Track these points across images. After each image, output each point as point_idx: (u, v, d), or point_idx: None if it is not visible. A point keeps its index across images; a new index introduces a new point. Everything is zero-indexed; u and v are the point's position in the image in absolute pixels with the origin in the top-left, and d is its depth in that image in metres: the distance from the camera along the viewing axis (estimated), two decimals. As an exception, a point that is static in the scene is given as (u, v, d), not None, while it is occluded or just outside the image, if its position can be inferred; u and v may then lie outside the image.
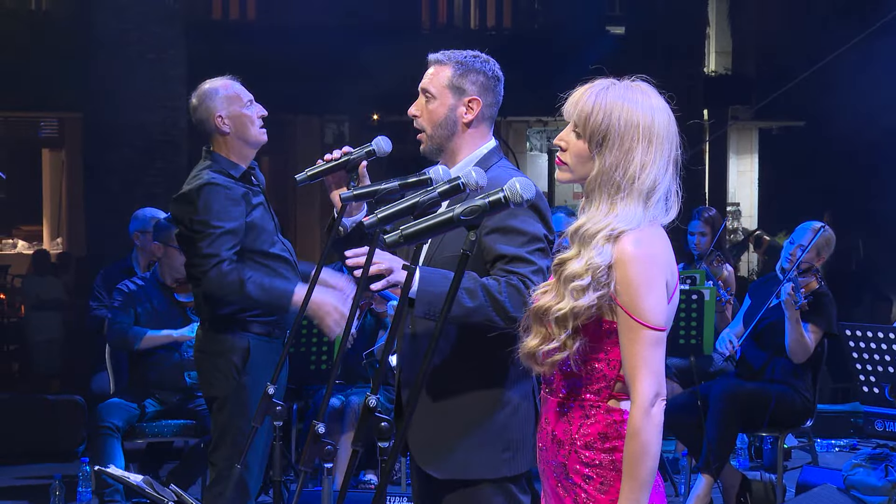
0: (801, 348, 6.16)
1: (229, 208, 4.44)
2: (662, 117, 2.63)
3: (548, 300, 2.62)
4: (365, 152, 3.53)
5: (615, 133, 2.59)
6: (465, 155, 3.45)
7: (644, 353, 2.54)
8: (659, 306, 2.55)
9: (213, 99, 4.57)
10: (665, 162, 2.61)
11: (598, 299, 2.55)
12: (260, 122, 4.61)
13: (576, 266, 2.58)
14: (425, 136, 3.48)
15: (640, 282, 2.53)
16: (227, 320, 4.50)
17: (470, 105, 3.44)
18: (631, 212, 2.58)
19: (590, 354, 2.61)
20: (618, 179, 2.58)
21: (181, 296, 6.34)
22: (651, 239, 2.58)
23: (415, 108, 3.49)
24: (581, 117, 2.63)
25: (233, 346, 4.50)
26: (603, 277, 2.55)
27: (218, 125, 4.56)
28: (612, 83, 2.66)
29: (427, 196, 2.71)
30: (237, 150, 4.60)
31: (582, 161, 2.65)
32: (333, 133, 17.35)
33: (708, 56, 17.03)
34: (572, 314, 2.57)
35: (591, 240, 2.58)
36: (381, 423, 2.59)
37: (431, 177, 3.09)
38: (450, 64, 3.46)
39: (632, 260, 2.54)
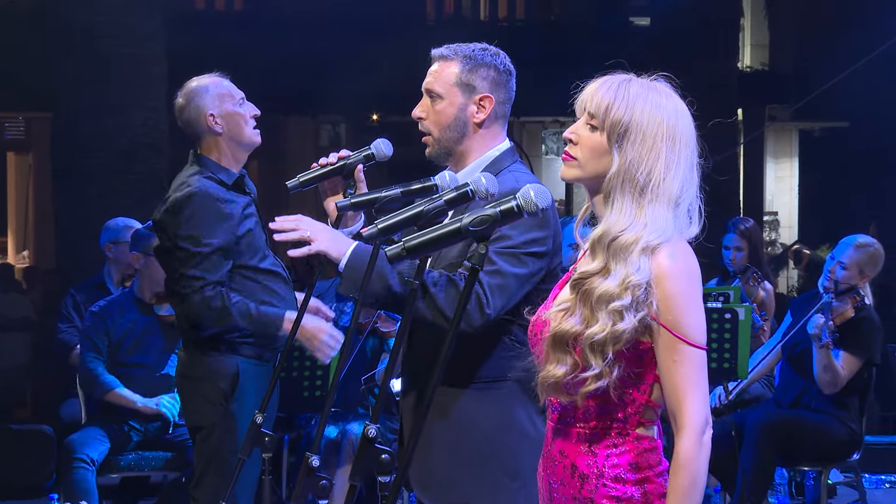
0: (829, 379, 6.15)
1: (220, 223, 4.45)
2: (686, 120, 2.64)
3: (573, 324, 2.61)
4: (363, 156, 3.55)
5: (638, 126, 2.60)
6: (475, 158, 3.46)
7: (692, 375, 2.54)
8: (702, 324, 2.57)
9: (202, 97, 4.58)
10: (689, 169, 2.63)
11: (639, 321, 2.56)
12: (253, 122, 4.63)
13: (610, 285, 2.58)
14: (432, 140, 3.48)
15: (683, 298, 2.55)
16: (214, 341, 4.51)
17: (481, 103, 3.45)
18: (661, 220, 2.58)
19: (622, 380, 2.61)
20: (641, 179, 2.58)
21: (161, 309, 6.34)
22: (687, 252, 2.60)
23: (420, 109, 3.50)
24: (599, 108, 2.63)
25: (219, 369, 4.51)
26: (643, 297, 2.56)
27: (209, 125, 4.58)
28: (632, 77, 2.67)
29: (432, 205, 2.72)
30: (229, 153, 4.61)
31: (596, 156, 2.64)
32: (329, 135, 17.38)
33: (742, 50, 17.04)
34: (612, 339, 2.56)
35: (624, 252, 2.58)
36: (382, 455, 2.60)
37: (437, 183, 3.10)
38: (457, 59, 3.46)
39: (671, 275, 2.55)
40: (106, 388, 6.27)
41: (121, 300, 6.46)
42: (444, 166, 3.48)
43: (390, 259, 2.56)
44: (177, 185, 4.58)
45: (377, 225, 2.76)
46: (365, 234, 2.80)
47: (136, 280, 6.47)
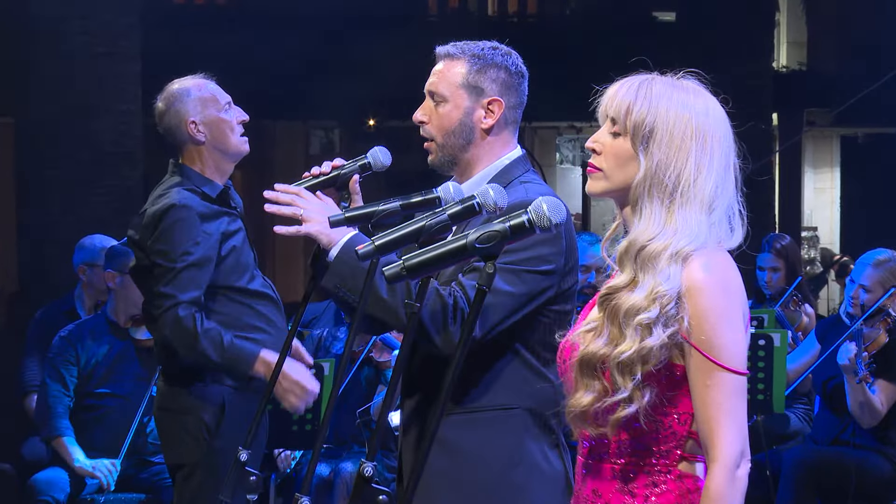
0: (866, 414, 6.14)
1: (199, 238, 4.45)
2: (717, 118, 2.65)
3: (600, 345, 2.60)
4: (359, 166, 3.55)
5: (664, 126, 2.60)
6: (482, 167, 3.47)
7: (725, 403, 2.53)
8: (739, 345, 2.56)
9: (184, 101, 4.59)
10: (723, 170, 2.63)
11: (669, 338, 2.54)
12: (240, 129, 4.64)
13: (637, 297, 2.57)
14: (435, 147, 3.49)
15: (717, 314, 2.54)
16: (196, 369, 4.51)
17: (489, 108, 3.46)
18: (693, 224, 2.58)
19: (657, 408, 2.60)
20: (670, 182, 2.59)
21: (138, 333, 6.33)
22: (722, 263, 2.59)
23: (421, 112, 3.51)
24: (621, 111, 2.64)
25: (203, 401, 4.52)
26: (672, 310, 2.55)
27: (191, 133, 4.59)
28: (657, 76, 2.68)
29: (435, 219, 2.73)
30: (213, 164, 4.62)
31: (622, 163, 2.64)
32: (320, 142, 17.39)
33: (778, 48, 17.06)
34: (640, 358, 2.55)
35: (652, 262, 2.57)
36: (379, 495, 2.60)
37: (440, 196, 3.10)
38: (463, 58, 3.47)
39: (705, 288, 2.54)
40: (53, 434, 6.28)
41: (93, 323, 6.46)
42: (448, 176, 3.48)
43: (388, 279, 2.57)
44: (154, 197, 4.59)
45: (374, 242, 2.77)
46: (360, 252, 2.80)
47: (109, 301, 6.46)
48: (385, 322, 3.27)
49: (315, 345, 7.03)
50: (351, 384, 6.80)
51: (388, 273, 2.56)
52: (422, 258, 2.56)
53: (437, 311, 3.19)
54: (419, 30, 13.09)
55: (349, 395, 6.74)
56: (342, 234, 3.30)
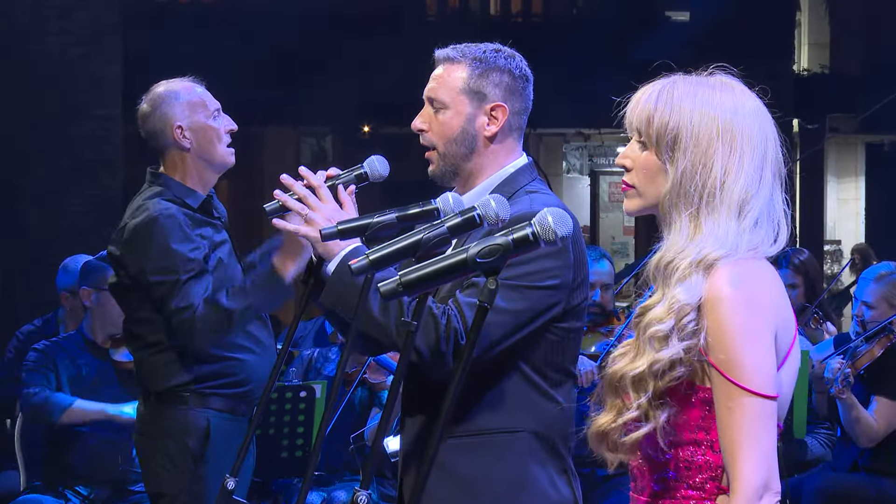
0: (860, 431, 6.15)
1: (189, 243, 4.46)
2: (749, 112, 2.63)
3: (621, 365, 2.59)
4: (354, 176, 3.55)
5: (688, 132, 2.59)
6: (486, 177, 3.48)
7: (748, 428, 2.49)
8: (765, 364, 2.50)
9: (170, 105, 4.60)
10: (757, 170, 2.60)
11: (684, 351, 2.51)
12: (228, 139, 4.64)
13: (658, 309, 2.55)
14: (436, 156, 3.49)
15: (737, 330, 2.50)
16: (180, 392, 4.52)
17: (493, 114, 3.46)
18: (720, 230, 2.56)
19: (684, 434, 2.57)
20: (695, 190, 2.57)
21: (118, 354, 6.33)
22: (754, 274, 2.55)
23: (420, 120, 3.51)
24: (643, 120, 2.63)
25: (187, 425, 4.52)
26: (690, 322, 2.52)
27: (176, 138, 4.59)
28: (680, 77, 2.67)
29: (433, 232, 2.73)
30: (196, 173, 4.62)
31: (652, 176, 2.63)
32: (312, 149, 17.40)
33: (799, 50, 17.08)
34: (651, 372, 2.52)
35: (673, 272, 2.56)
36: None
37: (439, 207, 3.11)
38: (464, 62, 3.48)
39: (725, 300, 2.51)
40: (63, 406, 6.17)
41: (69, 342, 6.44)
42: (450, 187, 3.49)
43: (384, 296, 2.57)
44: (132, 209, 4.59)
45: (368, 256, 2.77)
46: (354, 267, 2.81)
47: (86, 319, 6.45)
48: (379, 341, 3.27)
49: (305, 366, 7.03)
50: (344, 407, 6.79)
51: (383, 289, 2.56)
52: (419, 273, 2.56)
53: (429, 331, 3.18)
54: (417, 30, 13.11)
55: (342, 420, 6.74)
56: (342, 247, 3.30)
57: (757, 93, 2.70)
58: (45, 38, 9.64)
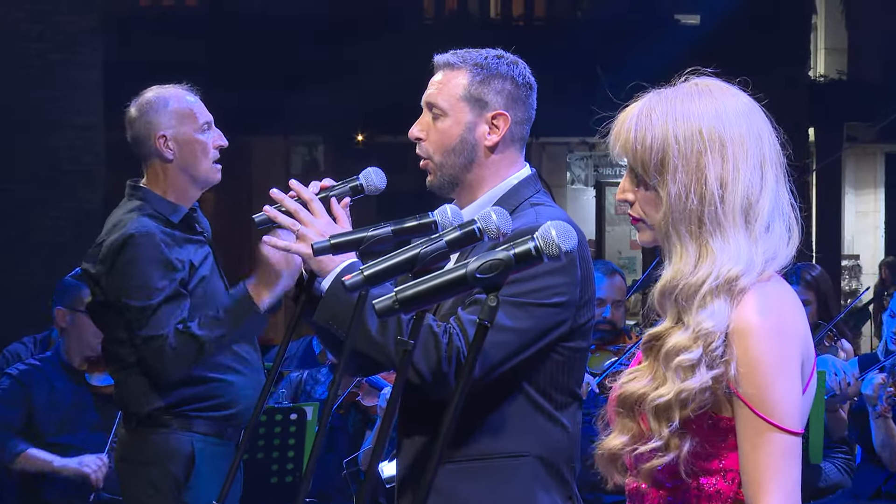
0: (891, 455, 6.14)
1: (165, 270, 4.46)
2: (734, 114, 2.61)
3: (639, 385, 2.58)
4: (349, 188, 3.55)
5: (674, 151, 2.58)
6: (487, 189, 3.48)
7: (774, 465, 2.50)
8: (794, 399, 2.51)
9: (157, 112, 4.60)
10: (756, 171, 2.59)
11: (713, 381, 2.51)
12: (215, 155, 4.63)
13: (681, 336, 2.54)
14: (433, 166, 3.50)
15: (770, 364, 2.50)
16: (162, 416, 4.52)
17: (494, 123, 3.47)
18: (731, 246, 2.55)
19: (697, 463, 2.57)
20: (693, 209, 2.57)
21: (95, 378, 6.32)
22: (780, 301, 2.55)
23: (418, 128, 3.52)
24: (628, 150, 2.63)
25: (171, 451, 4.51)
26: (718, 350, 2.51)
27: (159, 148, 4.59)
28: (654, 94, 2.66)
29: (431, 246, 2.74)
30: (178, 186, 4.62)
31: (654, 205, 2.62)
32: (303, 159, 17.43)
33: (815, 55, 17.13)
34: (678, 402, 2.52)
35: (693, 298, 2.55)
36: (369, 555, 2.61)
37: (437, 220, 3.11)
38: (465, 68, 3.48)
39: (756, 332, 2.50)
40: (14, 453, 6.19)
41: (46, 364, 6.44)
42: (450, 199, 3.49)
43: (379, 313, 2.57)
44: (110, 225, 4.59)
45: (363, 271, 2.77)
46: (348, 283, 2.81)
47: (61, 341, 6.45)
48: (376, 361, 3.27)
49: (294, 389, 7.03)
50: (336, 431, 6.79)
51: (378, 306, 2.56)
52: (416, 290, 2.56)
53: (430, 350, 3.18)
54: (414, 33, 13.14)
55: (334, 444, 6.74)
56: (336, 262, 3.31)
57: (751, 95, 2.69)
58: (20, 44, 9.64)
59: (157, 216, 4.56)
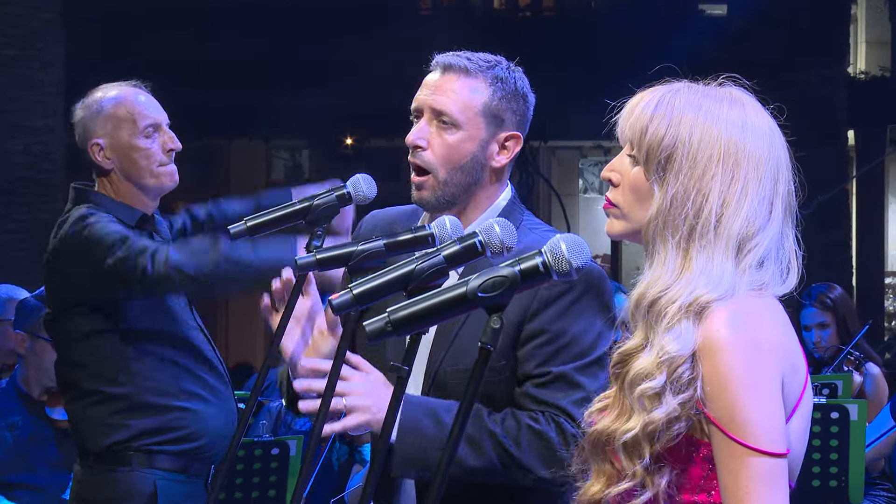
0: None
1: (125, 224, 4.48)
2: (758, 133, 2.63)
3: (607, 422, 2.60)
4: (335, 197, 3.56)
5: (684, 150, 2.59)
6: (482, 211, 3.49)
7: (753, 492, 2.50)
8: (771, 417, 2.52)
9: (93, 118, 4.59)
10: (764, 202, 2.60)
11: (681, 407, 2.52)
12: (163, 160, 4.59)
13: (645, 361, 2.56)
14: (433, 182, 3.46)
15: (738, 380, 2.50)
16: (121, 451, 4.52)
17: (505, 144, 3.47)
18: (715, 268, 2.56)
19: (684, 495, 2.58)
20: (687, 219, 2.58)
21: (56, 411, 6.33)
22: (756, 313, 2.56)
23: (419, 134, 3.49)
24: (636, 131, 2.64)
25: (131, 490, 4.52)
26: (685, 373, 2.52)
27: (94, 158, 4.59)
28: (686, 85, 2.67)
29: (428, 261, 2.74)
30: (129, 196, 4.60)
31: (640, 197, 2.64)
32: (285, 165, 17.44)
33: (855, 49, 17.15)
34: (646, 436, 2.54)
35: (661, 317, 2.57)
36: None
37: (434, 233, 3.12)
38: (484, 78, 3.45)
39: (724, 347, 2.51)
40: None
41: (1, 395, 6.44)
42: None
43: (370, 336, 2.57)
44: (56, 234, 4.59)
45: (352, 290, 2.77)
46: (335, 303, 2.81)
47: (19, 368, 6.45)
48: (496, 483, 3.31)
49: (273, 420, 7.03)
50: (322, 467, 6.80)
51: (370, 329, 2.56)
52: (412, 310, 2.56)
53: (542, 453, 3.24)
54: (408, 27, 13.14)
55: (320, 480, 6.74)
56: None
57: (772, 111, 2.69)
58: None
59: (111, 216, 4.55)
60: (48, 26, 9.89)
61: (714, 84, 2.69)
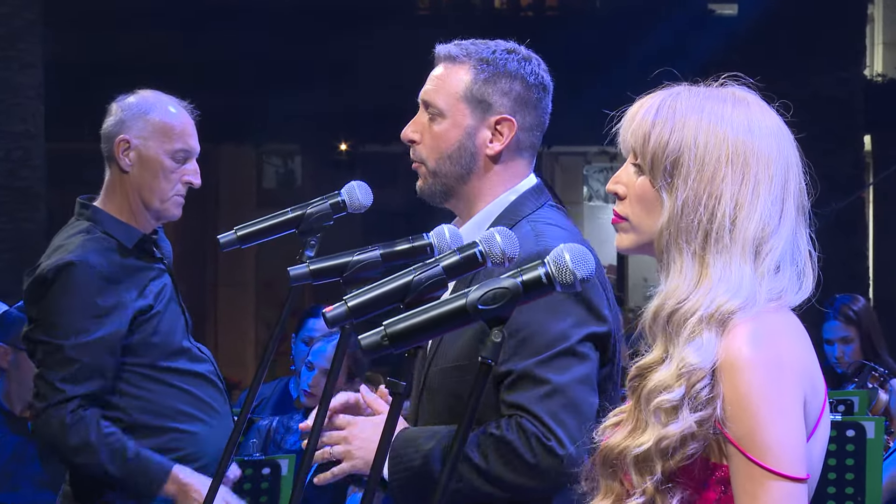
0: None
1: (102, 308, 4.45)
2: (766, 132, 2.64)
3: (619, 437, 2.60)
4: (330, 205, 3.56)
5: (690, 154, 2.60)
6: (486, 204, 3.49)
7: None
8: (793, 440, 2.52)
9: (133, 115, 4.59)
10: (776, 203, 2.61)
11: (697, 425, 2.52)
12: (180, 190, 4.61)
13: (663, 374, 2.56)
14: (426, 172, 3.50)
15: (761, 400, 2.50)
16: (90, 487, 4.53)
17: (497, 129, 3.47)
18: (734, 274, 2.56)
19: None
20: (700, 225, 2.58)
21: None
22: (778, 330, 2.56)
23: (412, 128, 3.51)
24: (639, 139, 2.65)
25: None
26: (704, 389, 2.52)
27: (116, 152, 4.59)
28: (687, 88, 2.68)
29: (426, 272, 2.74)
30: (132, 208, 4.59)
31: (648, 208, 2.65)
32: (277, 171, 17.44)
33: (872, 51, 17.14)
34: (659, 451, 2.54)
35: (681, 328, 2.57)
36: None
37: (433, 243, 3.12)
38: (469, 63, 3.48)
39: (747, 366, 2.51)
40: None
41: (-20, 411, 6.44)
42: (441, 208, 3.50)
43: (365, 350, 2.57)
44: (54, 247, 4.57)
45: (346, 302, 2.77)
46: (329, 316, 2.81)
47: (1, 383, 6.44)
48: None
49: (263, 439, 7.02)
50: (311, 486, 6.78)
51: (365, 343, 2.56)
52: (409, 323, 2.56)
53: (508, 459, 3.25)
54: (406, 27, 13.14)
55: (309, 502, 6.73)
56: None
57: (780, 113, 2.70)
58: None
59: (107, 240, 4.54)
60: (27, 27, 9.87)
61: (715, 85, 2.70)
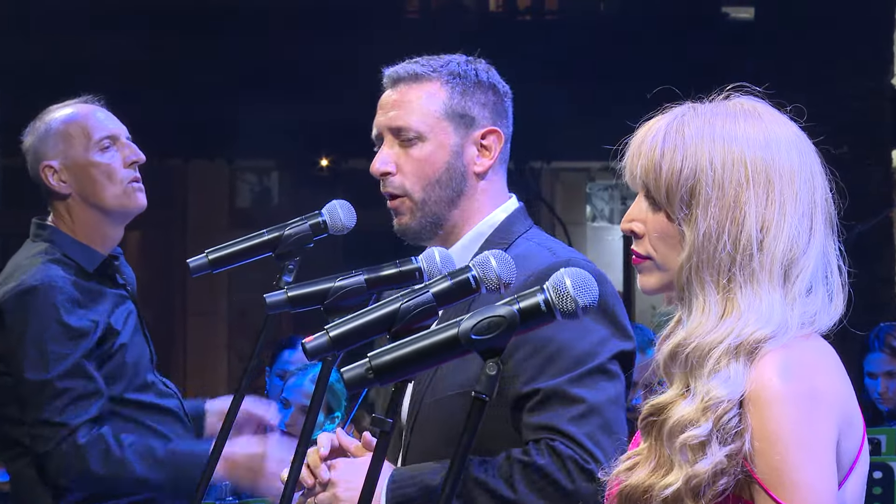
0: None
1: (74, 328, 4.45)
2: (784, 146, 2.64)
3: (642, 476, 2.60)
4: (309, 226, 3.57)
5: (707, 179, 2.60)
6: (472, 226, 3.50)
7: None
8: (822, 481, 2.51)
9: (43, 139, 4.60)
10: (805, 218, 2.61)
11: (727, 460, 2.52)
12: (129, 175, 4.61)
13: (686, 408, 2.56)
14: (411, 205, 3.49)
15: (791, 439, 2.50)
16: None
17: (483, 143, 3.49)
18: (763, 302, 2.56)
19: None
20: (725, 254, 2.58)
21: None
22: (812, 363, 2.56)
23: (382, 161, 3.51)
24: (648, 171, 2.65)
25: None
26: (732, 421, 2.52)
27: (46, 181, 4.59)
28: (690, 108, 2.68)
29: (414, 300, 2.74)
30: (89, 226, 4.59)
31: (672, 244, 2.64)
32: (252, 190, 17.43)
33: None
34: (689, 490, 2.53)
35: (704, 359, 2.56)
36: None
37: (422, 266, 3.12)
38: (438, 78, 3.50)
39: (778, 399, 2.51)
40: None
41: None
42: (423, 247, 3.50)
43: (348, 384, 2.57)
44: (8, 272, 4.58)
45: (328, 332, 2.77)
46: (309, 347, 2.81)
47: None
48: None
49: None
50: None
51: (348, 376, 2.56)
52: (396, 354, 2.56)
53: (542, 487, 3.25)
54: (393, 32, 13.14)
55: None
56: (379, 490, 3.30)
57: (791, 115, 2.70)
58: None
59: (67, 263, 4.54)
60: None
61: (720, 98, 2.71)
